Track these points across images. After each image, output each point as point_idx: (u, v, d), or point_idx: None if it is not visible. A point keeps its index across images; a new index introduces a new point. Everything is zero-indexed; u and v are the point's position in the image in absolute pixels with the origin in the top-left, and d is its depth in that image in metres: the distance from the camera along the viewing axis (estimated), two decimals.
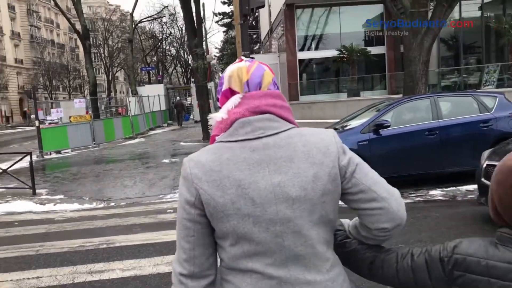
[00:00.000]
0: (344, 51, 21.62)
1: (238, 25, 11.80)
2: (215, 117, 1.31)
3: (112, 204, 8.00)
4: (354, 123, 7.80)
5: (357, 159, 1.29)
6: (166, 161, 12.43)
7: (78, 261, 4.78)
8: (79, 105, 17.35)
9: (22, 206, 8.08)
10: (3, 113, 51.37)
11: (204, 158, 1.25)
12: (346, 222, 1.46)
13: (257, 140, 1.23)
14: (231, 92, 1.30)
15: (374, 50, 22.20)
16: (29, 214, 7.44)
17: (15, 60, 56.12)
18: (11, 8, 56.72)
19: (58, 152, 16.47)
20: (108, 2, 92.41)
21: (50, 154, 16.25)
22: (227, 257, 1.26)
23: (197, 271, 1.27)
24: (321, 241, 1.25)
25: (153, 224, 6.26)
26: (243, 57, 1.41)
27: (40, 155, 15.47)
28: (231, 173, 1.21)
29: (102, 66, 61.55)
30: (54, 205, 8.14)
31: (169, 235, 5.49)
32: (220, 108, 1.33)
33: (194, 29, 16.76)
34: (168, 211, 7.02)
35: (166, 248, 4.99)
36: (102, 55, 57.73)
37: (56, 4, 25.15)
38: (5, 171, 9.03)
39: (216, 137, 1.29)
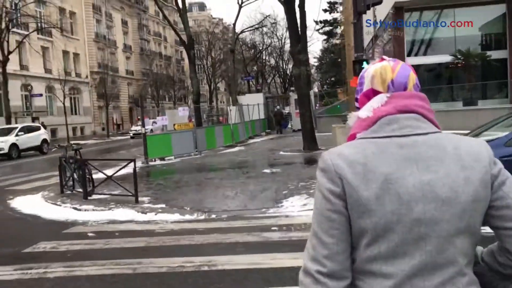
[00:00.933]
0: (459, 56, 19.73)
1: (349, 26, 10.92)
2: (357, 115, 1.27)
3: (213, 216, 7.54)
4: (492, 134, 6.57)
5: (507, 172, 1.22)
6: (267, 171, 11.87)
7: (177, 285, 4.25)
8: (183, 113, 17.55)
9: (124, 214, 7.93)
10: (115, 121, 55.03)
11: (346, 151, 1.20)
12: (479, 249, 1.33)
13: (404, 137, 1.19)
14: (373, 92, 1.27)
15: (494, 54, 20.04)
16: (130, 223, 7.20)
17: (126, 71, 60.03)
18: (124, 23, 60.92)
19: (162, 159, 16.73)
20: (211, 15, 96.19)
21: (155, 160, 16.55)
22: (359, 258, 1.19)
23: (338, 269, 1.18)
24: (463, 253, 1.17)
25: (257, 244, 5.61)
26: (384, 57, 1.33)
27: (145, 161, 15.80)
28: (376, 167, 1.15)
29: (205, 77, 63.80)
30: (156, 214, 7.88)
31: (277, 259, 4.79)
32: (358, 108, 1.30)
33: (298, 35, 16.17)
34: (273, 228, 6.35)
35: (275, 277, 4.29)
36: (205, 66, 59.93)
37: (165, 17, 26.16)
38: (109, 177, 9.02)
39: (357, 135, 1.24)
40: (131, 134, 37.26)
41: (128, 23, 62.25)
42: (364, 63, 9.31)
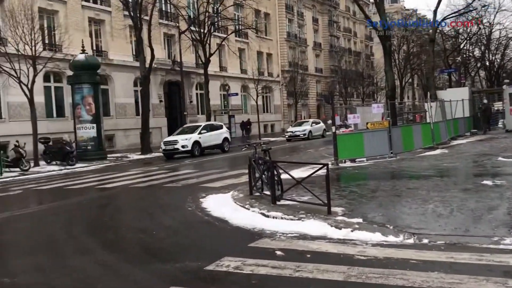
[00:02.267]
0: None
1: None
2: None
3: (425, 241, 5.93)
4: None
5: None
6: (488, 183, 9.54)
7: None
8: (377, 110, 15.93)
9: (315, 227, 6.85)
10: (303, 118, 55.74)
11: None
12: None
13: None
14: None
15: None
16: (323, 241, 6.06)
17: (315, 69, 60.35)
18: (314, 21, 61.32)
19: (353, 161, 15.44)
20: (404, 7, 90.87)
21: (345, 162, 15.35)
22: None
23: None
24: None
25: None
26: None
27: (335, 163, 14.70)
28: None
29: (396, 72, 60.28)
30: (352, 231, 6.60)
31: None
32: None
33: None
34: None
35: None
36: (397, 61, 56.57)
37: (360, 8, 24.74)
38: (299, 182, 8.07)
39: None
40: (287, 136, 34.82)
41: (319, 21, 62.44)
42: None
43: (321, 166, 7.73)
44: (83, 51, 24.19)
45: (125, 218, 8.30)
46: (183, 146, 22.93)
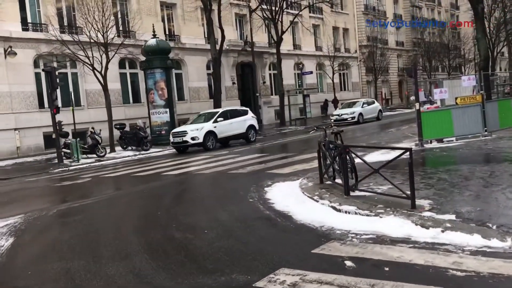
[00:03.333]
0: None
1: None
2: None
3: None
4: None
5: None
6: None
7: None
8: (468, 83, 13.96)
9: (396, 226, 5.67)
10: (384, 95, 52.90)
11: None
12: None
13: None
14: None
15: None
16: (406, 247, 4.87)
17: (396, 42, 56.82)
18: None
19: (440, 141, 13.74)
20: None
21: (431, 142, 13.73)
22: None
23: None
24: None
25: None
26: None
27: (419, 143, 13.14)
28: None
29: (487, 42, 55.16)
30: (443, 231, 5.35)
31: None
32: None
33: None
34: None
35: None
36: (487, 29, 51.61)
37: None
38: (376, 170, 6.84)
39: None
40: (332, 121, 27.34)
41: None
42: None
43: (403, 150, 6.44)
44: (154, 36, 24.08)
45: (179, 212, 7.56)
46: (192, 138, 18.89)
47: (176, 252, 5.24)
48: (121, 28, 27.74)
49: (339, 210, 6.78)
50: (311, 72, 39.85)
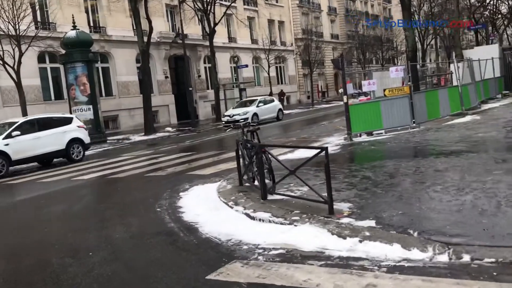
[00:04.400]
0: None
1: None
2: None
3: (466, 258, 4.04)
4: None
5: None
6: None
7: None
8: (396, 74, 13.73)
9: (311, 236, 5.00)
10: (320, 88, 53.28)
11: None
12: None
13: None
14: None
15: None
16: (317, 265, 4.19)
17: (331, 35, 57.39)
18: None
19: (370, 134, 13.48)
20: None
21: (360, 135, 13.42)
22: None
23: None
24: None
25: None
26: None
27: (348, 137, 12.76)
28: None
29: (417, 34, 56.95)
30: (361, 241, 4.75)
31: None
32: None
33: None
34: None
35: None
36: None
37: None
38: (292, 172, 6.18)
39: None
40: (223, 123, 25.50)
41: None
42: None
43: (318, 150, 5.80)
44: (74, 27, 22.37)
45: (70, 227, 6.52)
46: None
47: (41, 286, 4.27)
48: (39, 19, 25.76)
49: (253, 218, 6.06)
50: (247, 66, 39.17)
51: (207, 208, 6.82)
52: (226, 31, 39.72)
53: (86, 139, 16.32)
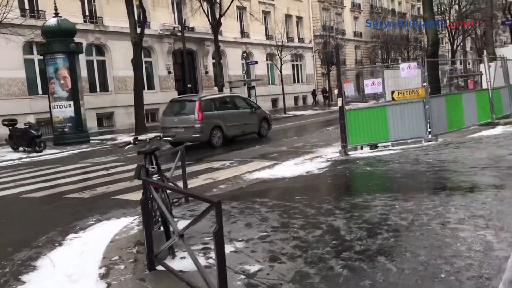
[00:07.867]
0: None
1: None
2: None
3: None
4: None
5: None
6: None
7: None
8: (408, 72, 10.74)
9: None
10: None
11: None
12: None
13: None
14: None
15: None
16: None
17: (354, 33, 54.12)
18: None
19: (374, 146, 10.76)
20: None
21: (362, 148, 10.74)
22: None
23: None
24: None
25: None
26: None
27: (343, 151, 10.03)
28: None
29: (447, 34, 53.31)
30: None
31: None
32: None
33: None
34: None
35: None
36: (447, 22, 49.60)
37: None
38: (180, 236, 3.54)
39: None
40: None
41: None
42: None
43: (208, 204, 3.10)
44: (56, 15, 20.12)
45: None
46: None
47: None
48: (27, 7, 23.77)
49: None
50: (257, 62, 36.41)
51: (61, 282, 4.24)
52: (239, 26, 37.18)
53: None
